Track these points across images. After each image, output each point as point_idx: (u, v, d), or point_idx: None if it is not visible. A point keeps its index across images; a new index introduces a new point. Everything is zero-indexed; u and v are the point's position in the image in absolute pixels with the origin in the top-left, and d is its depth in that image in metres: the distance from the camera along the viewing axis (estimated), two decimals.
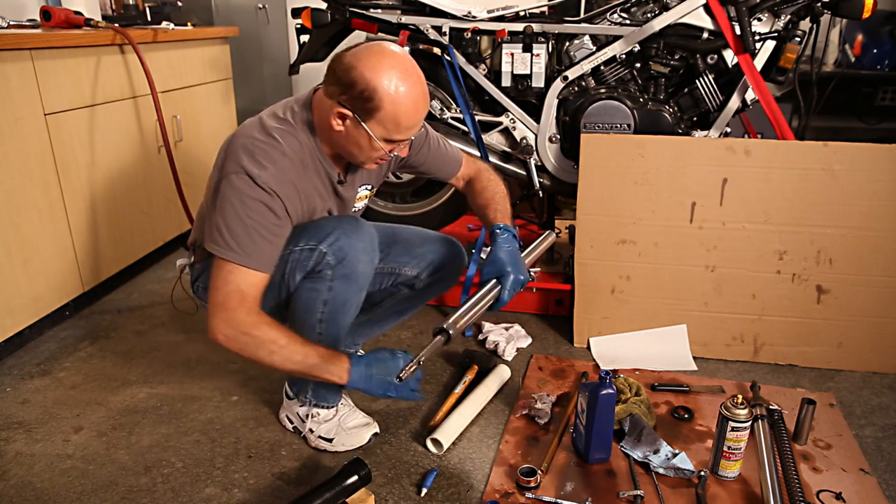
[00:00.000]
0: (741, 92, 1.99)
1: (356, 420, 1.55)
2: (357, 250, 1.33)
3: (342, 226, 1.34)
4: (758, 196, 1.85)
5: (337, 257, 1.32)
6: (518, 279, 1.38)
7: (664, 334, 1.95)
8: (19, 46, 1.83)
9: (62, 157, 2.03)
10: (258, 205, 1.23)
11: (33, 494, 1.40)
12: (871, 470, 1.45)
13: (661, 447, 1.46)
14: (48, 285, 2.02)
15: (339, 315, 1.38)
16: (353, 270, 1.34)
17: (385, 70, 1.20)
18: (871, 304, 1.84)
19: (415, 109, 1.25)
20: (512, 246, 1.44)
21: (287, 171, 1.27)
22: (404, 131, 1.26)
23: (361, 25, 2.22)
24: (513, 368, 1.84)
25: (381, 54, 1.22)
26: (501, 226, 1.48)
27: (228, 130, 3.03)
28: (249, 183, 1.23)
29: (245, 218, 1.23)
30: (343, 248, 1.32)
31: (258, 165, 1.24)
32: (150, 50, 2.39)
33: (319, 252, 1.31)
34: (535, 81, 2.14)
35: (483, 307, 1.35)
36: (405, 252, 1.61)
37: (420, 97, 1.25)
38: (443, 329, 1.27)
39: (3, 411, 1.69)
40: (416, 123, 1.28)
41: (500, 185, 1.63)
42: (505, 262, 1.39)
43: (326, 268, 1.32)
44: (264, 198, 1.23)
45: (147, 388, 1.79)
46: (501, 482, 1.41)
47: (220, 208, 1.25)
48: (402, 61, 1.23)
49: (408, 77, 1.23)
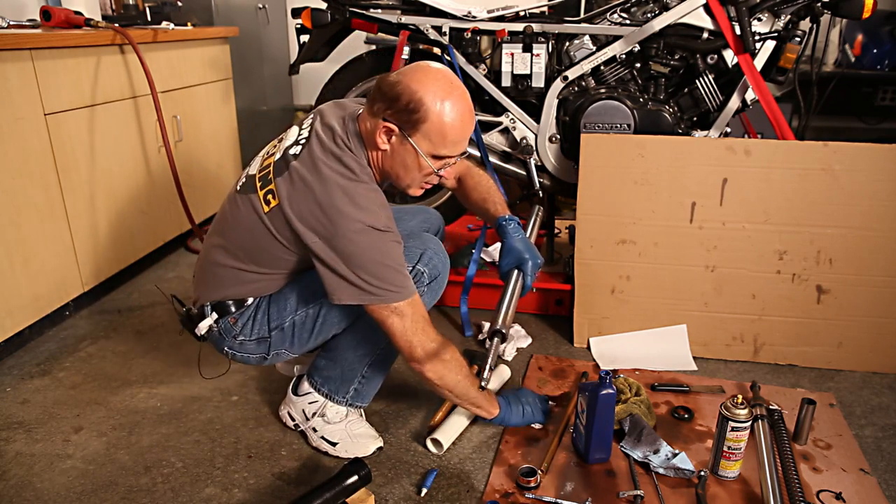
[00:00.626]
0: (741, 92, 1.99)
1: (363, 429, 1.53)
2: (447, 267, 1.44)
3: (430, 245, 1.41)
4: (758, 196, 1.85)
5: (431, 275, 1.40)
6: (536, 262, 1.52)
7: (664, 334, 1.95)
8: (19, 46, 1.83)
9: (62, 157, 2.03)
10: (395, 246, 1.28)
11: (33, 494, 1.40)
12: (871, 470, 1.45)
13: (661, 447, 1.46)
14: (48, 285, 2.02)
15: None
16: (440, 286, 1.43)
17: (431, 82, 1.24)
18: (871, 304, 1.84)
19: (461, 122, 1.26)
20: (521, 234, 1.56)
21: (384, 202, 1.31)
22: (450, 146, 1.27)
23: (361, 25, 2.23)
24: (513, 368, 1.84)
25: (426, 69, 1.26)
26: (506, 217, 1.56)
27: (228, 130, 3.04)
28: (379, 233, 1.25)
29: (388, 261, 1.26)
30: (437, 266, 1.40)
31: (371, 213, 1.25)
32: (150, 50, 2.39)
33: (417, 271, 1.38)
34: (535, 81, 2.14)
35: (516, 298, 1.52)
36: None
37: (466, 111, 1.27)
38: (497, 331, 1.46)
39: (3, 411, 1.69)
40: (463, 138, 1.29)
41: (490, 178, 1.68)
42: (521, 251, 1.52)
43: (420, 284, 1.38)
44: (395, 238, 1.28)
45: (147, 388, 1.79)
46: (501, 482, 1.41)
47: (354, 264, 1.24)
48: (447, 76, 1.26)
49: (454, 90, 1.25)
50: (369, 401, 1.55)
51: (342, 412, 1.52)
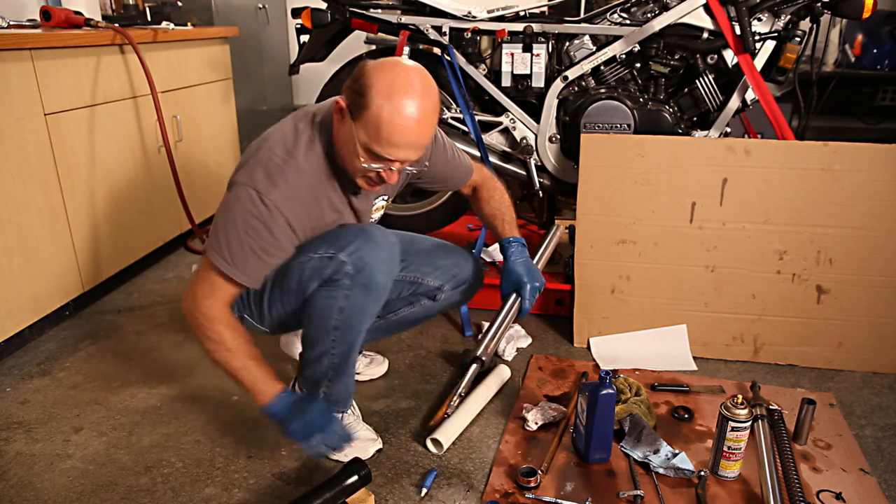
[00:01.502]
0: (741, 92, 1.99)
1: (362, 432, 1.52)
2: (377, 260, 1.31)
3: (363, 235, 1.32)
4: (758, 196, 1.85)
5: (356, 267, 1.30)
6: (534, 287, 1.50)
7: (664, 334, 1.95)
8: (19, 46, 1.83)
9: (62, 157, 2.03)
10: (258, 223, 1.24)
11: (33, 494, 1.40)
12: (871, 470, 1.45)
13: (661, 447, 1.46)
14: (48, 285, 2.02)
15: (354, 323, 1.37)
16: (372, 280, 1.32)
17: (393, 75, 1.17)
18: (871, 304, 1.84)
19: (401, 126, 1.16)
20: (523, 257, 1.54)
21: (300, 189, 1.27)
22: (385, 146, 1.18)
23: (361, 25, 2.22)
24: (513, 368, 1.84)
25: (398, 63, 1.20)
26: (511, 238, 1.56)
27: (228, 130, 3.04)
28: (255, 199, 1.23)
29: (242, 233, 1.24)
30: (363, 257, 1.30)
31: (270, 183, 1.24)
32: (150, 50, 2.39)
33: (338, 261, 1.30)
34: (535, 81, 2.15)
35: (508, 322, 1.50)
36: (428, 262, 1.60)
37: (413, 117, 1.16)
38: (477, 358, 1.42)
39: (3, 411, 1.69)
40: (401, 143, 1.18)
41: (505, 193, 1.66)
42: (521, 274, 1.51)
43: (345, 277, 1.31)
44: (265, 217, 1.23)
45: (147, 388, 1.79)
46: (501, 482, 1.41)
47: (223, 213, 1.26)
48: (413, 77, 1.18)
49: (410, 91, 1.16)
50: (346, 405, 1.51)
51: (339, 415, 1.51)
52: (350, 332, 1.38)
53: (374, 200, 1.49)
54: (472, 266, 1.65)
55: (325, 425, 1.30)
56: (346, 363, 1.43)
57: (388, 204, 1.56)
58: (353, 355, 1.43)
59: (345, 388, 1.48)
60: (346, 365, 1.44)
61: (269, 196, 1.22)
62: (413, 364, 1.90)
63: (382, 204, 1.53)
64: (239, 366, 1.29)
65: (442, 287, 1.60)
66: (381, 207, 1.53)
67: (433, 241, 1.66)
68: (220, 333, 1.27)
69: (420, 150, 1.23)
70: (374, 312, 1.39)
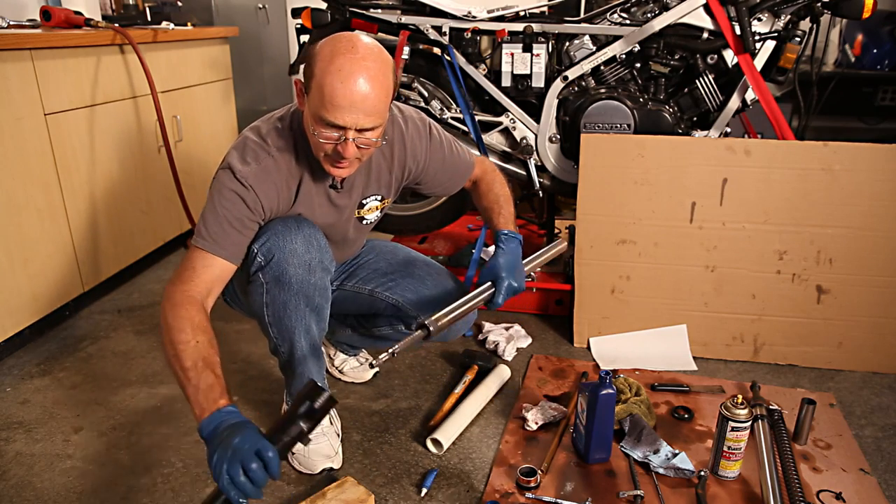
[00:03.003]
0: (741, 92, 1.99)
1: (323, 447, 1.45)
2: (285, 252, 1.28)
3: (277, 226, 1.30)
4: (758, 196, 1.85)
5: (265, 258, 1.28)
6: (511, 286, 1.38)
7: (664, 334, 1.95)
8: (19, 46, 1.83)
9: (62, 157, 2.03)
10: (232, 195, 1.23)
11: (33, 494, 1.40)
12: (871, 470, 1.45)
13: (661, 447, 1.46)
14: (48, 285, 2.02)
15: (283, 319, 1.35)
16: (283, 273, 1.29)
17: (335, 40, 1.15)
18: (871, 304, 1.84)
19: (344, 86, 1.12)
20: (513, 253, 1.44)
21: (270, 172, 1.26)
22: (330, 108, 1.13)
23: (361, 25, 2.22)
24: (513, 368, 1.84)
25: (345, 33, 1.18)
26: (506, 232, 1.48)
27: (228, 130, 3.04)
28: (229, 176, 1.24)
29: (219, 207, 1.24)
30: (271, 249, 1.28)
31: (242, 161, 1.25)
32: (150, 50, 2.39)
33: (252, 253, 1.29)
34: (535, 81, 2.14)
35: (471, 308, 1.36)
36: (412, 289, 1.56)
37: (357, 75, 1.12)
38: (424, 325, 1.25)
39: (3, 411, 1.69)
40: (345, 104, 1.13)
41: (505, 186, 1.60)
42: (501, 268, 1.39)
43: (259, 269, 1.30)
44: (239, 189, 1.23)
45: (147, 388, 1.79)
46: (501, 482, 1.41)
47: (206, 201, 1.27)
48: (356, 39, 1.15)
49: (351, 52, 1.13)
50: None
51: None
52: (284, 330, 1.36)
53: (363, 200, 1.44)
54: None
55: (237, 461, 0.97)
56: (293, 362, 1.40)
57: (385, 205, 1.52)
58: (298, 353, 1.39)
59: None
60: (294, 364, 1.41)
61: (240, 172, 1.24)
62: (413, 364, 1.90)
63: (377, 204, 1.48)
64: (188, 365, 1.08)
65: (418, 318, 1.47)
66: (375, 208, 1.49)
67: (430, 269, 1.60)
68: (181, 321, 1.12)
69: (372, 116, 1.16)
70: (304, 308, 1.34)
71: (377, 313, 1.61)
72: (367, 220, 1.50)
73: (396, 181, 1.47)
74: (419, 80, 2.22)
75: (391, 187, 1.48)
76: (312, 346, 1.40)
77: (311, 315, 1.36)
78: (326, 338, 1.76)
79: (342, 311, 1.65)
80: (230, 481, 0.97)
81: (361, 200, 1.44)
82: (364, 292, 1.59)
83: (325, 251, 1.35)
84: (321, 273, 1.34)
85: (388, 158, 1.42)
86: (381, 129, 1.22)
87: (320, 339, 1.44)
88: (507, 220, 1.52)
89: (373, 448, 1.53)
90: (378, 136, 1.21)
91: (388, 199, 1.51)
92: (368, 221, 1.51)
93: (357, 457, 1.51)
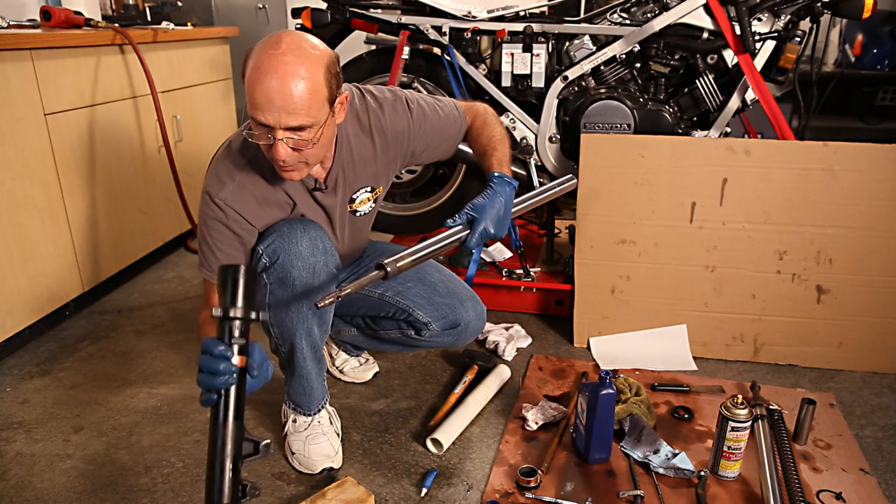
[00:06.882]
0: (741, 92, 1.99)
1: (323, 447, 1.46)
2: (290, 254, 1.28)
3: (283, 227, 1.31)
4: (758, 196, 1.85)
5: (270, 259, 1.30)
6: (487, 230, 1.26)
7: (664, 334, 1.95)
8: (19, 46, 1.83)
9: (62, 157, 2.03)
10: (213, 223, 1.27)
11: (33, 494, 1.40)
12: (871, 470, 1.45)
13: (661, 447, 1.46)
14: (48, 285, 2.02)
15: (284, 319, 1.35)
16: (287, 275, 1.29)
17: (265, 40, 1.12)
18: (871, 304, 1.84)
19: (264, 83, 1.07)
20: (500, 196, 1.31)
21: (246, 186, 1.28)
22: (253, 107, 1.10)
23: (361, 25, 2.23)
24: (513, 368, 1.84)
25: (283, 31, 1.14)
26: (497, 174, 1.36)
27: (228, 130, 3.04)
28: (206, 202, 1.27)
29: (207, 237, 1.29)
30: (276, 251, 1.29)
31: (217, 182, 1.27)
32: (150, 50, 2.39)
33: (257, 253, 1.31)
34: (535, 81, 2.14)
35: (438, 250, 1.24)
36: (423, 295, 1.53)
37: (276, 72, 1.07)
38: (382, 265, 1.15)
39: (3, 411, 1.69)
40: (264, 102, 1.09)
41: (499, 125, 1.50)
42: (481, 209, 1.27)
43: (263, 270, 1.31)
44: (219, 216, 1.27)
45: (147, 388, 1.79)
46: (501, 482, 1.41)
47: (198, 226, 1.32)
48: (284, 36, 1.11)
49: (274, 48, 1.09)
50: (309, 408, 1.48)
51: (305, 421, 1.48)
52: (285, 330, 1.36)
53: (352, 195, 1.42)
54: (471, 313, 1.54)
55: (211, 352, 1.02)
56: (293, 362, 1.41)
57: (378, 194, 1.48)
58: (298, 355, 1.39)
59: (302, 390, 1.45)
60: (294, 364, 1.41)
61: (217, 196, 1.26)
62: (413, 364, 1.90)
63: (368, 196, 1.45)
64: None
65: (429, 324, 1.52)
66: (366, 200, 1.45)
67: (442, 276, 1.58)
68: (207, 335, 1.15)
69: (296, 115, 1.10)
70: (306, 311, 1.34)
71: (385, 316, 1.60)
72: (360, 213, 1.48)
73: (385, 168, 1.44)
74: (419, 80, 2.22)
75: (380, 176, 1.45)
76: (313, 348, 1.41)
77: (312, 318, 1.36)
78: (331, 336, 1.76)
79: (349, 313, 1.65)
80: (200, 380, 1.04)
81: (352, 196, 1.43)
82: (374, 296, 1.56)
83: (330, 254, 1.35)
84: (325, 276, 1.34)
85: (371, 148, 1.39)
86: (317, 129, 1.15)
87: (322, 342, 1.44)
88: (501, 162, 1.41)
89: (373, 448, 1.54)
90: (314, 136, 1.15)
91: (379, 189, 1.48)
92: (362, 213, 1.49)
93: (357, 457, 1.51)
